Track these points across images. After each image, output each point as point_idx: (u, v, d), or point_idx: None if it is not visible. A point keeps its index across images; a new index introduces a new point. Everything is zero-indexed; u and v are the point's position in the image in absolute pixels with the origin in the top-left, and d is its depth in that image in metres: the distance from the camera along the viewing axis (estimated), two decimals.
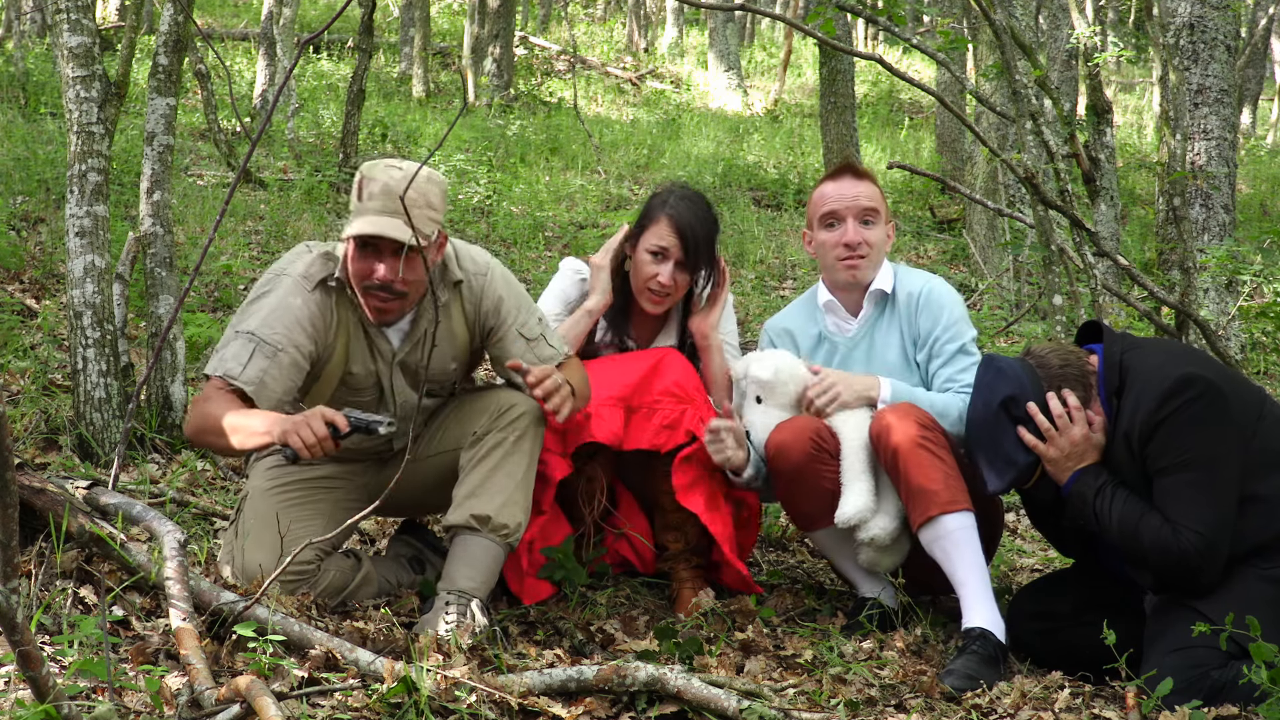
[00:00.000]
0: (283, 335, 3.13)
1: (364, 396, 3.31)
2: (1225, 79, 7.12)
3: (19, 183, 7.55)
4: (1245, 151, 15.64)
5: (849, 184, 3.63)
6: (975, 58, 9.96)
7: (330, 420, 2.97)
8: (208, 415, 3.06)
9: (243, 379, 3.08)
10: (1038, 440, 3.14)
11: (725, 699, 2.63)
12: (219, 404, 3.06)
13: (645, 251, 3.67)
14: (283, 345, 3.12)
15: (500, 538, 3.19)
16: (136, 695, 2.41)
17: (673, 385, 3.53)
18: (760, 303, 7.69)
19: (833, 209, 3.62)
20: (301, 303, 3.16)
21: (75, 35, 4.08)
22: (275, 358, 3.11)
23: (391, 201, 3.07)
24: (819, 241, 3.68)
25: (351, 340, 3.26)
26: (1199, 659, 2.89)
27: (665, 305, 3.71)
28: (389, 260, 3.12)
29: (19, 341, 5.13)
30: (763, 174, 12.31)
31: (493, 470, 3.19)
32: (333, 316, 3.22)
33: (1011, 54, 4.36)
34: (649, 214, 3.71)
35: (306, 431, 2.93)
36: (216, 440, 3.08)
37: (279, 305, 3.16)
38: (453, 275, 3.32)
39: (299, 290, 3.18)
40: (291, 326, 3.14)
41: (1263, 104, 20.56)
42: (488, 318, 3.35)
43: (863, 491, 3.38)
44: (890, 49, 20.32)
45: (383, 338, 3.30)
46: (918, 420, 3.33)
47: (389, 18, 18.97)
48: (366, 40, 9.42)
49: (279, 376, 3.11)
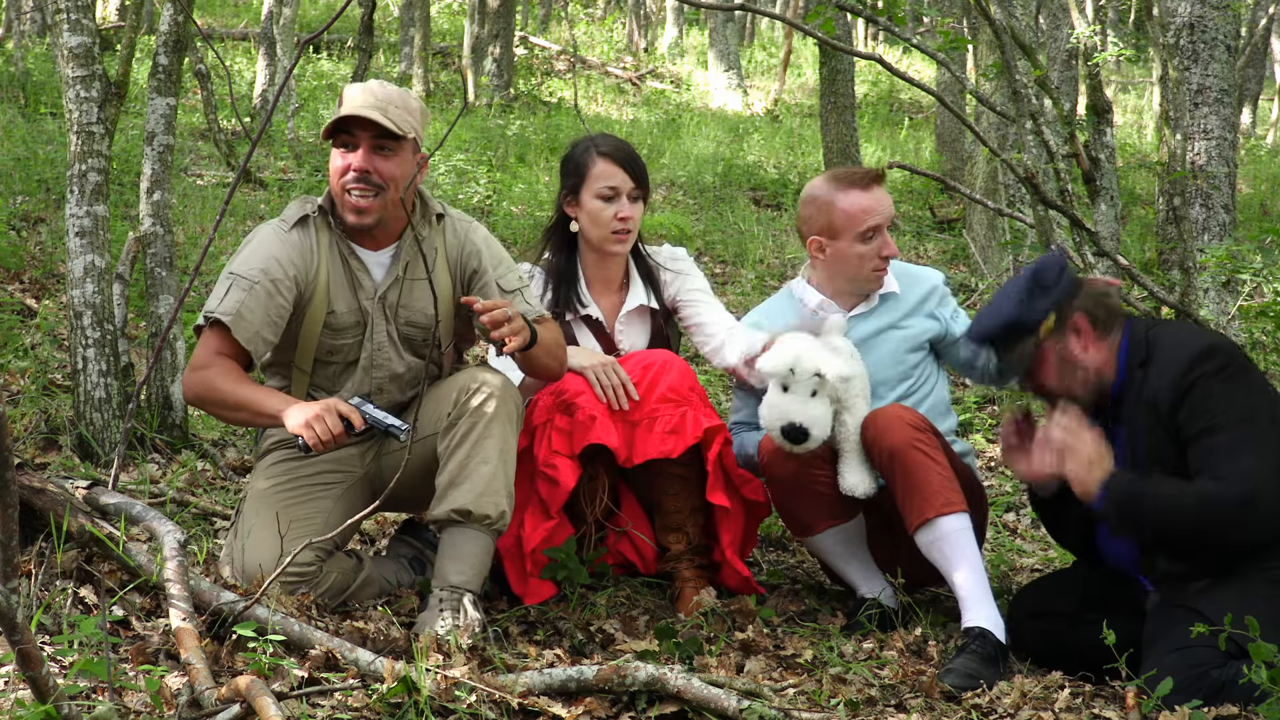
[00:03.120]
0: (257, 269, 3.22)
1: (346, 338, 3.32)
2: (1225, 79, 7.12)
3: (19, 183, 7.55)
4: (1245, 151, 15.63)
5: (880, 194, 3.64)
6: (975, 58, 9.96)
7: (345, 415, 3.02)
8: (212, 385, 3.17)
9: (220, 311, 3.17)
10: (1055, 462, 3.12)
11: (725, 699, 2.63)
12: (221, 372, 3.16)
13: (596, 199, 3.71)
14: (257, 278, 3.20)
15: (485, 527, 3.18)
16: (136, 695, 2.41)
17: (667, 391, 3.52)
18: (760, 302, 7.68)
19: (877, 222, 3.62)
20: (277, 240, 3.27)
21: (75, 35, 4.09)
22: (251, 290, 3.19)
23: (370, 96, 3.21)
24: (850, 253, 3.63)
25: (333, 275, 3.30)
26: (1198, 658, 2.89)
27: (629, 241, 3.76)
28: (365, 152, 3.21)
29: (19, 341, 5.13)
30: (763, 174, 12.31)
31: (467, 458, 3.17)
32: (313, 252, 3.29)
33: (1011, 54, 4.36)
34: (580, 166, 3.75)
35: (322, 425, 3.00)
36: (221, 411, 3.25)
37: (255, 245, 3.28)
38: (433, 209, 3.38)
39: (276, 231, 3.29)
40: (266, 259, 3.23)
41: (1263, 104, 20.56)
42: (469, 261, 3.39)
43: (869, 473, 3.41)
44: (890, 49, 20.31)
45: (365, 272, 3.32)
46: (911, 422, 3.34)
47: (389, 18, 18.96)
48: (366, 40, 9.42)
49: (255, 307, 3.19)
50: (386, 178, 3.22)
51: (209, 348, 3.20)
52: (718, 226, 10.00)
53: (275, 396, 3.18)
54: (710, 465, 3.52)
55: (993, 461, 5.19)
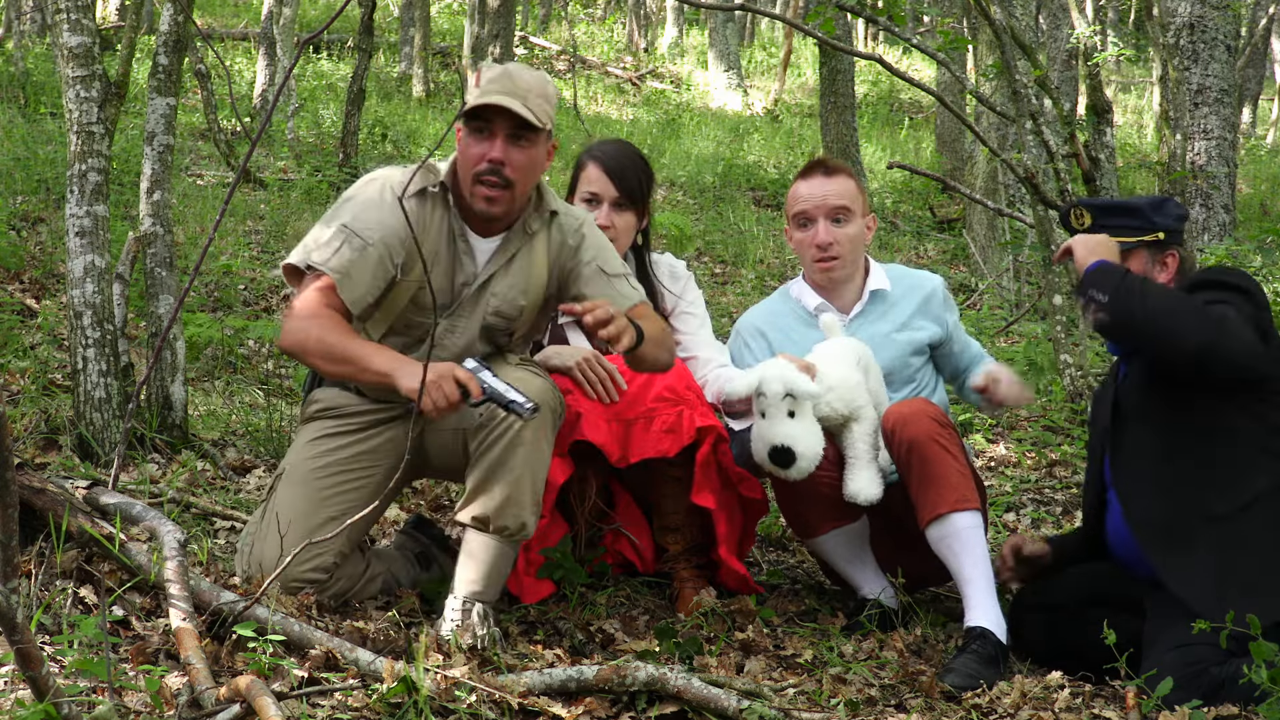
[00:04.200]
0: (375, 230, 3.10)
1: (429, 317, 3.12)
2: (1225, 79, 7.12)
3: (19, 183, 7.55)
4: (1245, 151, 15.63)
5: (819, 182, 3.62)
6: (975, 58, 9.96)
7: (464, 382, 2.90)
8: (317, 336, 3.02)
9: (330, 266, 3.05)
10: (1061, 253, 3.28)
11: (725, 699, 2.63)
12: (328, 325, 3.03)
13: (580, 202, 3.71)
14: (373, 240, 3.09)
15: (504, 538, 3.12)
16: (136, 695, 2.41)
17: (664, 390, 3.50)
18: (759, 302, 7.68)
19: (803, 209, 3.63)
20: (395, 205, 3.10)
21: (75, 35, 4.08)
22: (365, 251, 3.08)
23: (510, 82, 3.11)
24: (794, 240, 3.71)
25: (439, 253, 3.20)
26: (1198, 655, 2.89)
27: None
28: (502, 143, 3.11)
29: (19, 341, 5.13)
30: (763, 174, 12.31)
31: (494, 465, 3.06)
32: (425, 227, 3.17)
33: (1011, 54, 4.36)
34: (578, 166, 3.78)
35: (439, 393, 2.87)
36: (322, 364, 3.08)
37: (373, 201, 3.14)
38: (549, 204, 3.29)
39: (394, 196, 3.11)
40: (385, 222, 3.11)
41: (1263, 104, 20.56)
42: (568, 256, 3.28)
43: (874, 479, 3.39)
44: (890, 49, 20.31)
45: (470, 256, 3.22)
46: (934, 416, 3.33)
47: (389, 18, 18.96)
48: (366, 40, 9.42)
49: (365, 270, 3.08)
50: (520, 172, 3.13)
51: (317, 299, 3.07)
52: (718, 226, 10.00)
53: (384, 353, 3.04)
54: (698, 466, 3.49)
55: (992, 461, 5.19)
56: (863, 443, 3.40)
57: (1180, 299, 3.06)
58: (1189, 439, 3.13)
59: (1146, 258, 3.27)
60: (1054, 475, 5.06)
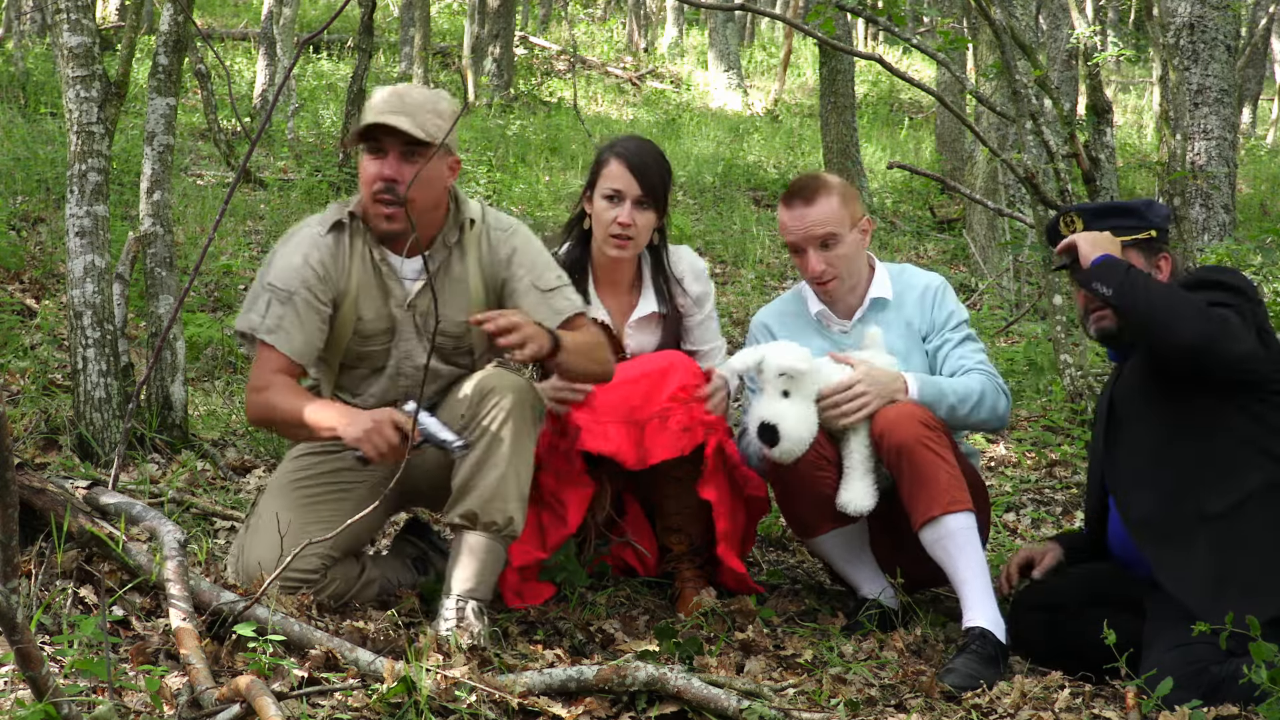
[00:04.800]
0: (295, 279, 3.20)
1: (374, 345, 3.29)
2: (1225, 79, 7.11)
3: (19, 183, 7.55)
4: (1245, 151, 15.63)
5: (800, 213, 3.57)
6: (975, 58, 9.96)
7: (401, 427, 2.99)
8: (271, 405, 3.15)
9: (263, 330, 3.17)
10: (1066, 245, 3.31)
11: (725, 699, 2.63)
12: (279, 390, 3.15)
13: (601, 198, 3.67)
14: (295, 289, 3.19)
15: (494, 534, 3.14)
16: (136, 695, 2.41)
17: (677, 390, 3.49)
18: (760, 302, 7.68)
19: (791, 240, 3.62)
20: (311, 245, 3.24)
21: (75, 35, 4.09)
22: (289, 302, 3.18)
23: (399, 101, 3.18)
24: (793, 259, 3.72)
25: (363, 282, 3.27)
26: (1198, 655, 2.90)
27: (630, 249, 3.68)
28: (394, 160, 3.17)
29: (19, 341, 5.13)
30: (763, 174, 12.31)
31: (478, 464, 3.11)
32: (346, 257, 3.26)
33: (1011, 54, 4.36)
34: (598, 164, 3.73)
35: (379, 439, 2.98)
36: (284, 430, 3.25)
37: (290, 252, 3.25)
38: (466, 213, 3.33)
39: (310, 237, 3.26)
40: (301, 268, 3.21)
41: (1263, 104, 20.56)
42: (500, 268, 3.32)
43: (867, 491, 3.39)
44: (890, 49, 20.30)
45: (395, 279, 3.29)
46: (922, 420, 3.33)
47: (389, 18, 18.96)
48: (366, 40, 9.42)
49: (295, 319, 3.18)
50: (415, 186, 3.14)
51: (264, 366, 3.18)
52: (718, 226, 10.00)
53: (329, 409, 3.13)
54: (708, 455, 3.48)
55: (992, 461, 5.19)
56: (859, 453, 3.41)
57: (1183, 296, 3.08)
58: (1185, 438, 3.14)
59: (1143, 258, 3.27)
60: (1054, 475, 5.07)
